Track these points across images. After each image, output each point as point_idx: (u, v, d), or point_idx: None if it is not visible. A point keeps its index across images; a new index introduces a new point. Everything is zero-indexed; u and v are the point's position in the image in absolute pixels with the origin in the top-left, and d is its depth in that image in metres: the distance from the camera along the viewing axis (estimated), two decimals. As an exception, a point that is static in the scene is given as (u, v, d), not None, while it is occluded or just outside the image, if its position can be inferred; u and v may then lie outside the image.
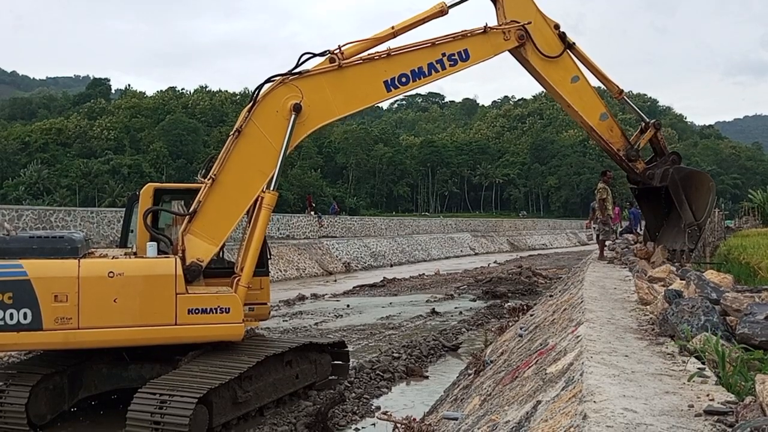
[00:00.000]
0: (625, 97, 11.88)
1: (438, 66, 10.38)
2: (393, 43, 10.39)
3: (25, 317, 8.22)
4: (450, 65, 10.46)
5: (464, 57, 10.57)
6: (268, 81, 9.79)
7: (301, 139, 10.04)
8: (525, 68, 11.38)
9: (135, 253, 9.62)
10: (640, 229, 18.74)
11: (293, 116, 9.56)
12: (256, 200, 9.74)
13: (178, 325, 8.75)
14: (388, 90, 10.08)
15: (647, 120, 11.95)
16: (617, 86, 11.66)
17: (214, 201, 9.52)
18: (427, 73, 10.28)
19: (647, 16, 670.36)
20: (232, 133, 9.76)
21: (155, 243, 9.33)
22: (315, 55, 10.04)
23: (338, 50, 9.98)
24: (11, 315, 8.18)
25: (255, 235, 9.55)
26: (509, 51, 11.09)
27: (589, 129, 11.47)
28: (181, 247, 9.28)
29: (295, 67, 9.81)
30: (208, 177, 9.60)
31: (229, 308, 8.89)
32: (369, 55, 10.14)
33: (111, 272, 8.60)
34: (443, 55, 10.40)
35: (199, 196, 9.54)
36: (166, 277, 8.79)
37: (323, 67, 9.92)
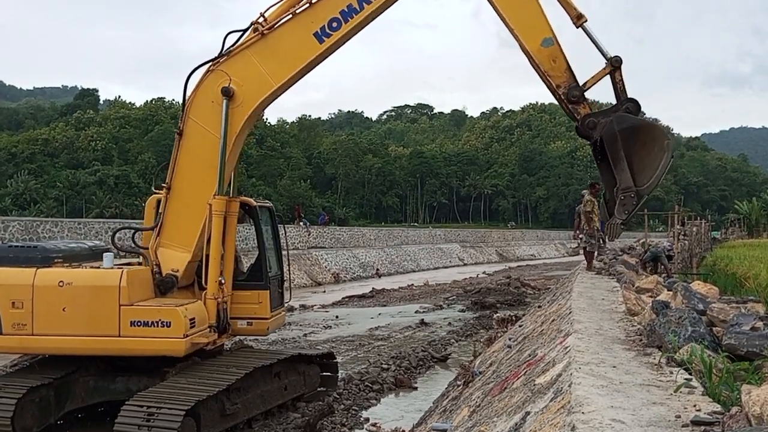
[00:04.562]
0: (584, 25, 9.27)
1: None
2: None
3: None
4: None
5: None
6: (193, 73, 9.42)
7: (244, 121, 9.39)
8: None
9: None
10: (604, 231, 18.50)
11: (224, 102, 9.15)
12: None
13: (122, 337, 8.69)
14: (320, 41, 9.14)
15: (608, 56, 9.14)
16: (577, 9, 9.08)
17: (175, 209, 9.42)
18: (358, 8, 9.10)
19: (624, 27, 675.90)
20: (176, 136, 9.52)
21: (111, 254, 9.31)
22: (240, 31, 9.45)
23: (261, 17, 9.29)
24: None
25: (211, 245, 9.28)
26: None
27: (528, 55, 9.15)
28: (155, 261, 9.28)
29: (222, 50, 9.35)
30: (164, 187, 9.48)
31: (170, 322, 8.65)
32: (291, 11, 9.27)
33: (61, 282, 8.74)
34: None
35: (159, 208, 9.49)
36: (109, 288, 8.73)
37: (246, 41, 9.36)
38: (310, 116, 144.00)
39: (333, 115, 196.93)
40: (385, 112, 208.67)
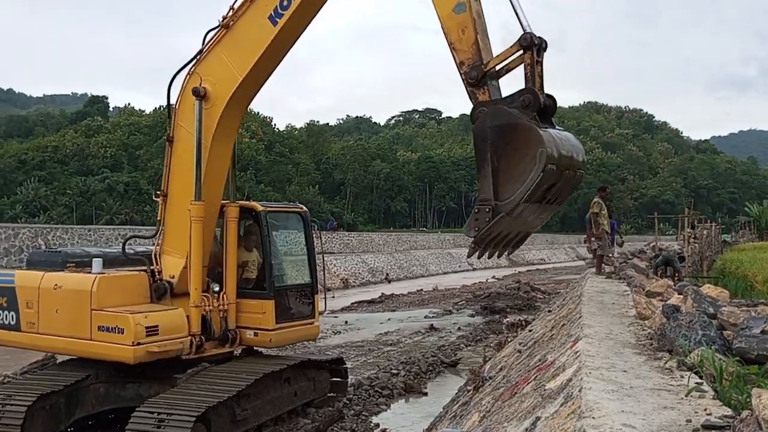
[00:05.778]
0: None
1: None
2: None
3: (13, 319, 9.52)
4: None
5: None
6: (175, 78, 9.38)
7: (218, 120, 9.13)
8: None
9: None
10: (616, 240, 18.47)
11: (197, 103, 9.06)
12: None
13: (92, 341, 8.83)
14: (274, 23, 8.76)
15: (525, 32, 6.85)
16: None
17: (173, 215, 9.46)
18: None
19: (627, 31, 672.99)
20: (167, 143, 9.55)
21: (100, 259, 9.38)
22: (216, 27, 9.24)
23: (230, 11, 9.09)
24: (4, 316, 9.58)
25: (192, 252, 9.21)
26: None
27: (440, 23, 7.47)
28: (157, 268, 9.41)
29: (201, 50, 9.24)
30: (160, 194, 9.53)
31: (123, 329, 8.61)
32: None
33: (56, 285, 9.17)
34: None
35: (158, 215, 9.60)
36: (83, 292, 8.88)
37: (215, 36, 9.19)
38: (318, 122, 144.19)
39: (341, 121, 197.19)
40: (393, 117, 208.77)
